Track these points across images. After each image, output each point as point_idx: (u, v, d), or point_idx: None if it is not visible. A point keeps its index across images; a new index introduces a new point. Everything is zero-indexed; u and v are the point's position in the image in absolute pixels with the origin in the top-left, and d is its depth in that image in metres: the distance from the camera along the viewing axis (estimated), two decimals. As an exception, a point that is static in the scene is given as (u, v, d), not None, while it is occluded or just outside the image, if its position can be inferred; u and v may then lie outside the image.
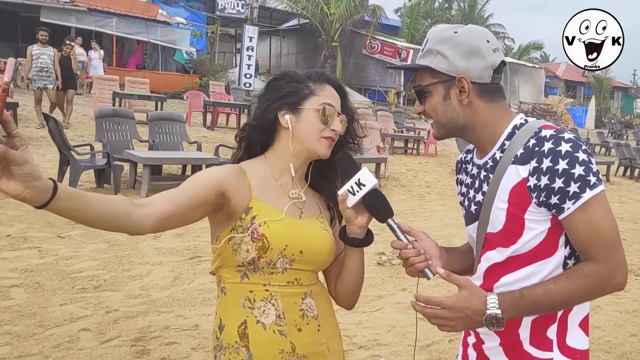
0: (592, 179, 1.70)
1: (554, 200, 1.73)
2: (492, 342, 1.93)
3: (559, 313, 1.85)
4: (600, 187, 1.72)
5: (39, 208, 1.45)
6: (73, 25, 26.35)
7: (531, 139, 1.78)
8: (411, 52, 36.60)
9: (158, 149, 11.72)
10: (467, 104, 1.87)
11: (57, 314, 5.11)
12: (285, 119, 2.00)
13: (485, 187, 1.90)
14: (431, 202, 13.12)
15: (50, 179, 1.47)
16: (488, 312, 1.75)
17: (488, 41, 1.89)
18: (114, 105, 17.13)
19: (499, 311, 1.74)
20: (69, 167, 10.03)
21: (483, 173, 1.93)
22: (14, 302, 5.31)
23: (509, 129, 1.87)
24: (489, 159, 1.91)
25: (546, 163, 1.72)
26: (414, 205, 12.53)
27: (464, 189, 2.07)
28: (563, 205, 1.73)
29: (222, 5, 33.80)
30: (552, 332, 1.85)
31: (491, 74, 1.88)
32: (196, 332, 5.00)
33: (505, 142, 1.86)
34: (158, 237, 7.71)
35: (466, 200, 2.04)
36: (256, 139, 2.06)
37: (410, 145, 19.80)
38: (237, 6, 33.85)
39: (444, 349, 5.06)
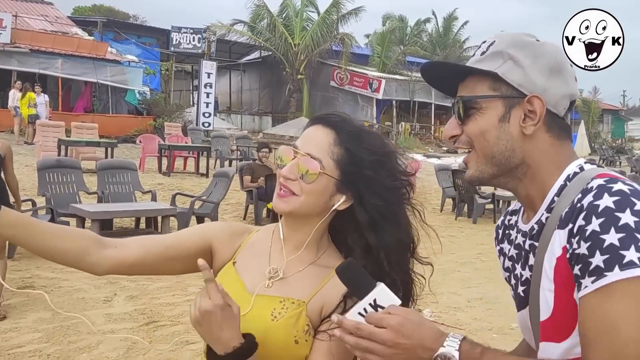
0: (631, 256, 1.27)
1: (576, 270, 1.35)
2: None
3: None
4: None
5: None
6: (14, 68, 26.38)
7: (580, 194, 1.39)
8: (383, 81, 37.05)
9: (108, 200, 11.61)
10: (529, 134, 1.49)
11: (-8, 399, 4.93)
12: None
13: (532, 260, 1.52)
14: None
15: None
16: (442, 350, 1.39)
17: (571, 65, 1.57)
18: (59, 154, 17.14)
19: (456, 353, 1.38)
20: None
21: (528, 242, 1.55)
22: (-57, 387, 5.11)
23: (560, 181, 1.49)
24: (535, 222, 1.52)
25: (579, 222, 1.35)
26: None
27: (508, 263, 1.68)
28: (582, 280, 1.33)
29: (176, 40, 34.10)
30: None
31: (567, 105, 1.53)
32: (152, 411, 4.84)
33: (555, 198, 1.48)
34: (109, 301, 7.53)
35: (512, 278, 1.64)
36: None
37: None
38: (193, 40, 34.16)
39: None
